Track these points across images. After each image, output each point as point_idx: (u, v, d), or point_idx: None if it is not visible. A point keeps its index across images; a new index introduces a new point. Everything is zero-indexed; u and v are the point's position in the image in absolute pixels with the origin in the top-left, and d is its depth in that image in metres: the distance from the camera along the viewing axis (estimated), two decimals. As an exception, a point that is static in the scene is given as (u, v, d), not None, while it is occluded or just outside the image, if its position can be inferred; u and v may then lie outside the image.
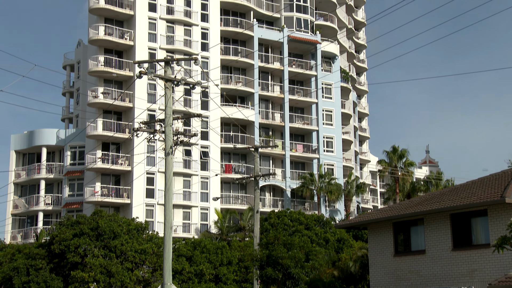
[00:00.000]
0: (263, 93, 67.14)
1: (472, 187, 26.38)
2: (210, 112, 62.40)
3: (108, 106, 59.43)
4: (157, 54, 61.54)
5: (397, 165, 69.86)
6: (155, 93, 60.50)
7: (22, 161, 65.11)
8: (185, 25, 63.97)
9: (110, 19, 62.47)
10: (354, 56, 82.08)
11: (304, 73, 69.41)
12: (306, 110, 70.50)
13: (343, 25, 78.33)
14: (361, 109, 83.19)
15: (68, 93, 71.36)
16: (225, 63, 65.96)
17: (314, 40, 70.14)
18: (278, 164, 67.51)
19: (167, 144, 25.95)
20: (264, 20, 70.38)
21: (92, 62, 60.82)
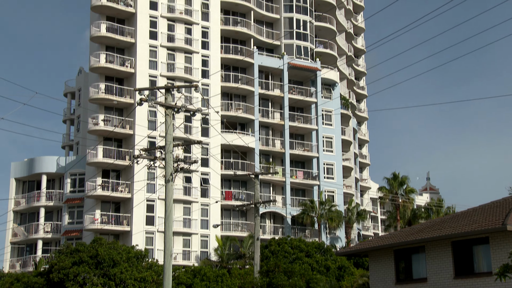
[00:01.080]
0: (263, 120, 67.26)
1: (473, 215, 26.27)
2: (210, 139, 62.45)
3: (109, 133, 59.50)
4: (158, 81, 61.79)
5: (398, 192, 69.70)
6: (155, 120, 60.61)
7: (22, 189, 64.96)
8: (186, 53, 64.34)
9: (111, 46, 62.87)
10: (354, 83, 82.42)
11: (304, 100, 69.61)
12: (306, 137, 70.56)
13: (343, 52, 78.78)
14: (361, 136, 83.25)
15: (69, 121, 71.50)
16: (226, 90, 66.19)
17: (314, 67, 70.48)
18: (278, 191, 67.35)
19: (167, 171, 25.91)
20: (264, 48, 70.81)
21: (93, 89, 61.05)
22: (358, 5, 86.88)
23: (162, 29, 63.37)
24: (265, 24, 71.78)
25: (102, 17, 62.64)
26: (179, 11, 64.33)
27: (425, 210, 72.00)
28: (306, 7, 71.89)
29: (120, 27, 62.54)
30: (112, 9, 62.11)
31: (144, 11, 62.67)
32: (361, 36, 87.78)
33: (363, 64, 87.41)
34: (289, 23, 71.05)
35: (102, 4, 61.70)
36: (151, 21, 63.00)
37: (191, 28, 65.11)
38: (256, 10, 69.51)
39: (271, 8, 71.78)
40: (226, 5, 68.33)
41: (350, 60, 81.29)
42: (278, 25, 71.59)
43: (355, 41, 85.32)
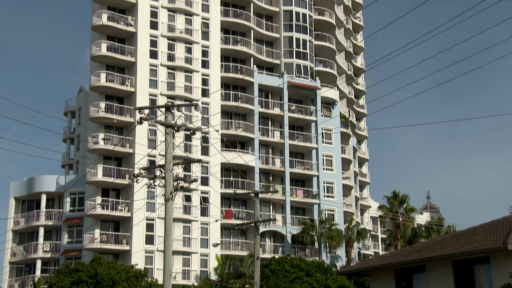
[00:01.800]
0: (263, 138, 67.30)
1: (474, 234, 26.18)
2: (210, 157, 62.42)
3: (109, 152, 59.48)
4: (158, 100, 61.91)
5: (398, 210, 69.54)
6: (155, 138, 60.63)
7: (21, 208, 64.79)
8: (186, 72, 64.55)
9: (111, 66, 63.08)
10: (353, 101, 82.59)
11: (304, 118, 69.70)
12: (306, 156, 70.54)
13: (343, 71, 79.04)
14: (361, 155, 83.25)
15: (69, 140, 71.52)
16: (226, 108, 66.31)
17: (314, 86, 70.67)
18: (278, 209, 67.19)
19: (167, 190, 25.86)
20: (264, 66, 71.05)
21: (93, 108, 61.14)
22: (358, 25, 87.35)
23: (162, 48, 63.62)
24: (265, 43, 72.09)
25: (103, 37, 62.92)
26: (179, 30, 64.65)
27: (426, 229, 71.80)
28: (305, 26, 72.25)
29: (120, 46, 62.79)
30: (112, 29, 62.41)
31: (145, 31, 62.98)
32: (360, 55, 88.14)
33: (363, 82, 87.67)
34: (289, 42, 71.35)
35: (103, 24, 62.00)
36: (152, 40, 63.28)
37: (191, 47, 65.37)
38: (256, 29, 69.85)
39: (271, 27, 72.14)
40: (226, 24, 68.69)
41: (350, 79, 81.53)
42: (278, 44, 71.91)
43: (354, 60, 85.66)
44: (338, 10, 78.25)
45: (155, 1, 64.05)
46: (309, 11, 72.99)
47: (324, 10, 75.86)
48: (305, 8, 72.52)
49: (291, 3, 72.04)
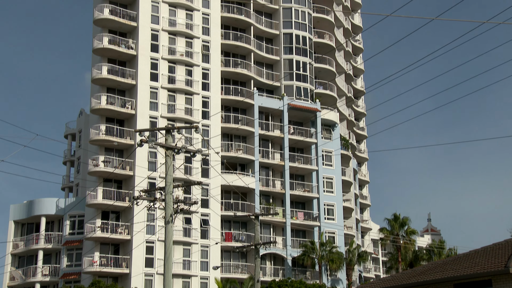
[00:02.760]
0: (264, 160, 67.25)
1: (476, 257, 26.03)
2: (210, 179, 62.33)
3: (109, 175, 59.41)
4: (158, 123, 61.98)
5: (399, 233, 69.27)
6: (155, 161, 60.59)
7: (20, 231, 64.51)
8: (186, 94, 64.72)
9: (112, 88, 63.24)
10: (353, 124, 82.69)
11: (304, 140, 69.73)
12: (307, 178, 70.44)
13: (343, 94, 79.24)
14: (362, 177, 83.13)
15: (69, 162, 71.51)
16: (226, 131, 66.36)
17: (314, 108, 70.80)
18: (278, 232, 66.92)
19: (167, 212, 25.77)
20: (265, 89, 71.24)
21: (94, 131, 61.20)
22: (357, 47, 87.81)
23: (163, 70, 63.87)
24: (265, 66, 72.38)
25: (104, 60, 63.19)
26: (179, 53, 64.95)
27: (427, 252, 71.47)
28: (305, 49, 72.58)
29: (121, 69, 63.03)
30: (113, 52, 62.70)
31: (145, 53, 63.27)
32: (360, 78, 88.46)
33: (363, 105, 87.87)
34: (289, 64, 71.64)
35: (104, 47, 62.30)
36: (152, 63, 63.54)
37: (191, 69, 65.63)
38: (256, 52, 70.18)
39: (271, 50, 72.48)
40: (226, 47, 69.01)
41: (350, 101, 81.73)
42: (278, 66, 72.20)
43: (354, 82, 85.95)
44: (338, 33, 78.68)
45: (156, 24, 64.43)
46: (309, 34, 73.38)
47: (324, 33, 76.27)
48: (305, 31, 72.92)
49: (291, 26, 72.46)
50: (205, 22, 67.43)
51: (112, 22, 63.10)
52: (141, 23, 63.55)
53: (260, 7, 72.16)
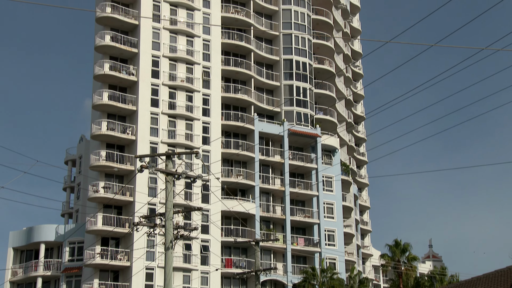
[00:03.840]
0: (264, 186, 67.11)
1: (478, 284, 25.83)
2: (210, 205, 62.13)
3: (109, 201, 59.24)
4: (159, 148, 61.98)
5: (400, 259, 68.80)
6: (155, 186, 60.46)
7: (20, 258, 64.07)
8: (187, 120, 64.82)
9: (112, 114, 63.36)
10: (354, 149, 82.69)
11: (304, 166, 69.67)
12: (307, 203, 70.23)
13: (343, 119, 79.37)
14: (362, 202, 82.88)
15: (69, 188, 71.36)
16: (226, 156, 66.34)
17: (314, 134, 70.85)
18: (279, 258, 66.51)
19: (167, 238, 25.63)
20: (265, 114, 71.34)
21: (94, 157, 61.17)
22: (357, 73, 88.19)
23: (163, 96, 64.06)
24: (265, 91, 72.60)
25: (105, 86, 63.42)
26: (180, 79, 65.22)
27: (429, 278, 70.91)
28: (306, 74, 72.87)
29: (122, 95, 63.23)
30: (114, 78, 62.96)
31: (146, 79, 63.53)
32: (360, 103, 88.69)
33: (363, 130, 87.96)
34: (289, 90, 71.86)
35: (105, 73, 62.57)
36: (153, 89, 63.76)
37: (192, 95, 65.82)
38: (256, 78, 70.45)
39: (271, 76, 72.78)
40: (226, 73, 69.31)
41: (350, 127, 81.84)
42: (278, 92, 72.42)
43: (354, 107, 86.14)
44: (337, 59, 79.08)
45: (157, 51, 64.78)
46: (309, 60, 73.73)
47: (324, 59, 76.64)
48: (305, 57, 73.28)
49: (291, 52, 72.83)
50: (206, 48, 67.82)
51: (113, 48, 63.47)
52: (142, 49, 63.93)
53: (261, 33, 72.63)
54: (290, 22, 73.34)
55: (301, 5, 74.25)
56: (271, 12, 74.13)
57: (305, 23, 74.01)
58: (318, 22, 76.71)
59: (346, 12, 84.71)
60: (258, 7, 73.01)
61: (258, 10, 73.30)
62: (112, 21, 64.27)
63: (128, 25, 64.86)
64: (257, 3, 72.42)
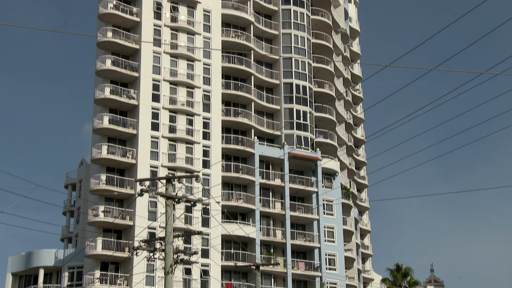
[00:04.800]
0: (264, 209, 66.90)
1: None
2: (211, 229, 61.86)
3: (109, 225, 59.01)
4: (159, 172, 61.89)
5: (402, 284, 68.35)
6: (156, 210, 60.27)
7: (18, 284, 63.60)
8: (187, 143, 64.84)
9: (113, 138, 63.41)
10: (354, 173, 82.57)
11: (305, 189, 69.51)
12: (308, 227, 69.94)
13: (343, 142, 79.38)
14: (363, 226, 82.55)
15: (69, 212, 71.09)
16: (226, 179, 66.22)
17: (315, 157, 70.81)
18: (279, 282, 66.04)
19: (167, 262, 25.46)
20: (265, 137, 71.39)
21: (94, 180, 61.06)
22: (357, 97, 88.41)
23: (163, 120, 64.14)
24: (265, 115, 72.71)
25: (105, 109, 63.54)
26: (180, 102, 65.37)
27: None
28: (306, 98, 73.04)
29: (122, 119, 63.33)
30: (115, 102, 63.11)
31: (147, 103, 63.67)
32: (360, 127, 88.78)
33: (363, 154, 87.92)
34: (289, 113, 71.96)
35: (106, 97, 62.75)
36: (153, 113, 63.88)
37: (192, 119, 65.92)
38: (256, 101, 70.61)
39: (271, 99, 72.94)
40: (227, 96, 69.48)
41: (350, 150, 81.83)
42: (278, 115, 72.52)
43: (354, 131, 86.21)
44: (337, 83, 79.35)
45: (157, 75, 65.04)
46: (309, 84, 73.96)
47: (324, 83, 76.89)
48: (305, 80, 73.51)
49: (292, 76, 73.05)
50: (206, 72, 68.09)
51: (114, 72, 63.73)
52: (142, 73, 64.19)
53: (261, 57, 72.97)
54: (290, 46, 73.70)
55: (301, 29, 74.68)
56: (271, 36, 74.57)
57: (305, 47, 74.37)
58: (318, 46, 77.11)
59: (346, 36, 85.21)
60: (258, 31, 73.46)
61: (258, 34, 73.74)
62: (113, 46, 64.62)
63: (129, 49, 65.21)
64: (258, 27, 72.88)
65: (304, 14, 75.25)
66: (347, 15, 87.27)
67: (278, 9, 74.70)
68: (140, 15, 65.76)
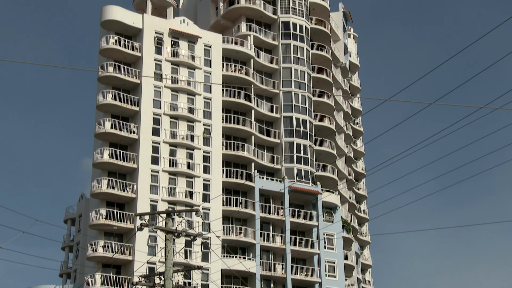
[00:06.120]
0: (265, 244, 66.46)
1: None
2: (210, 264, 61.39)
3: (108, 260, 58.56)
4: (159, 206, 61.67)
5: (404, 318, 67.60)
6: (155, 245, 59.89)
7: (16, 318, 63.00)
8: (187, 177, 64.73)
9: (113, 172, 63.34)
10: (355, 206, 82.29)
11: (305, 223, 69.15)
12: (308, 261, 69.40)
13: (343, 176, 79.26)
14: (364, 260, 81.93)
15: (68, 248, 70.63)
16: (227, 213, 65.94)
17: (315, 191, 70.62)
18: (281, 318, 65.27)
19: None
20: (265, 171, 71.28)
21: (94, 215, 60.81)
22: (357, 130, 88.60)
23: (164, 154, 64.15)
24: (266, 148, 72.74)
25: (106, 144, 63.60)
26: (181, 136, 65.46)
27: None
28: (306, 131, 73.16)
29: (122, 153, 63.36)
30: (115, 136, 63.20)
31: (147, 137, 63.76)
32: (361, 160, 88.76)
33: (364, 187, 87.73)
34: (290, 147, 71.99)
35: (106, 131, 62.86)
36: (154, 147, 63.93)
37: (192, 152, 65.93)
38: (257, 135, 70.71)
39: (271, 133, 73.07)
40: (227, 130, 69.61)
41: (351, 184, 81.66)
42: (278, 149, 72.55)
43: (355, 164, 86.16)
44: (337, 116, 79.59)
45: (158, 109, 65.26)
46: (309, 117, 74.15)
47: (324, 116, 77.11)
48: (305, 114, 73.69)
49: (292, 109, 73.28)
50: (207, 106, 68.34)
51: (115, 107, 63.99)
52: (143, 107, 64.43)
53: (261, 91, 73.30)
54: (290, 80, 74.10)
55: (301, 64, 75.17)
56: (271, 70, 75.03)
57: (305, 81, 74.76)
58: (318, 80, 77.56)
59: (346, 70, 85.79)
60: (259, 66, 73.94)
61: (259, 68, 74.20)
62: (114, 80, 65.02)
63: (130, 83, 65.57)
64: (258, 62, 73.37)
65: (304, 48, 75.83)
66: (346, 50, 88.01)
67: (278, 43, 75.32)
68: (141, 50, 66.28)
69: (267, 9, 75.77)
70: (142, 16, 67.50)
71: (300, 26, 76.21)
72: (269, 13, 75.55)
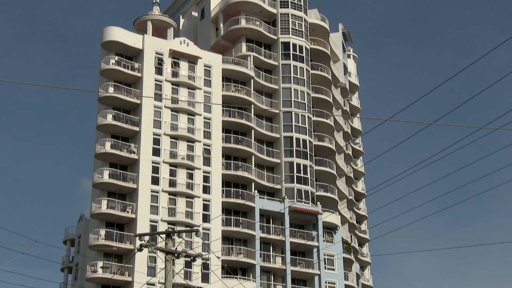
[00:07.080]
0: (265, 264, 66.10)
1: None
2: (210, 284, 61.00)
3: (107, 281, 58.20)
4: (159, 226, 61.43)
5: None
6: (155, 266, 59.56)
7: None
8: (187, 197, 64.58)
9: (113, 192, 63.20)
10: (355, 227, 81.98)
11: (305, 244, 68.84)
12: (309, 282, 68.95)
13: (344, 196, 79.07)
14: (365, 281, 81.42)
15: (67, 269, 70.22)
16: (227, 234, 65.67)
17: (315, 211, 70.39)
18: None
19: (166, 320, 24.97)
20: (265, 191, 71.11)
21: (93, 236, 60.56)
22: (357, 150, 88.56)
23: (164, 174, 64.07)
24: (266, 169, 72.63)
25: (105, 164, 63.53)
26: (181, 156, 65.42)
27: None
28: (306, 151, 73.12)
29: (122, 173, 63.27)
30: (115, 156, 63.17)
31: (147, 157, 63.72)
32: (361, 180, 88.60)
33: (364, 207, 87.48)
34: (290, 167, 71.88)
35: (106, 152, 62.83)
36: (154, 167, 63.85)
37: (192, 173, 65.84)
38: (257, 155, 70.65)
39: (271, 153, 73.02)
40: (227, 150, 69.58)
41: (351, 204, 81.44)
42: (278, 169, 72.43)
43: (355, 185, 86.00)
44: (337, 136, 79.62)
45: (158, 129, 65.31)
46: (309, 137, 74.16)
47: (324, 136, 77.12)
48: (305, 134, 73.71)
49: (292, 129, 73.30)
50: (207, 126, 68.39)
51: (115, 127, 64.03)
52: (143, 127, 64.48)
53: (261, 111, 73.39)
54: (290, 100, 74.21)
55: (301, 84, 75.36)
56: (271, 90, 75.18)
57: (305, 101, 74.88)
58: (318, 100, 77.70)
59: (346, 90, 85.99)
60: (259, 86, 74.11)
61: (259, 88, 74.37)
62: (114, 100, 65.14)
63: (130, 104, 65.69)
64: (258, 82, 73.56)
65: (304, 69, 76.07)
66: (346, 70, 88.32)
67: (278, 64, 75.57)
68: (141, 70, 66.49)
69: (267, 30, 76.15)
70: (142, 36, 67.82)
71: (300, 46, 76.52)
72: (269, 34, 75.92)
